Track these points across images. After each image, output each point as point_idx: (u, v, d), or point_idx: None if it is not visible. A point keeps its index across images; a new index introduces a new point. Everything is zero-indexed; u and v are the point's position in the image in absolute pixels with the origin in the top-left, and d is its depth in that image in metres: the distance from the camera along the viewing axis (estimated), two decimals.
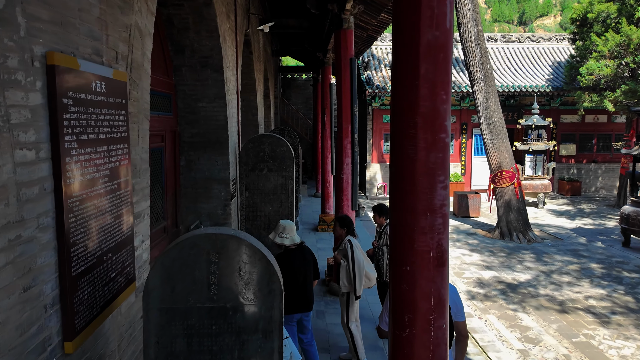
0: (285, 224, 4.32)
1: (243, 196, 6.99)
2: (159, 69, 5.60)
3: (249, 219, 7.02)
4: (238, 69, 7.19)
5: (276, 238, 4.30)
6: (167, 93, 5.84)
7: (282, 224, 4.33)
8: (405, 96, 2.35)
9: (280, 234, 4.29)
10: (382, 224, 5.65)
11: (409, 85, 2.31)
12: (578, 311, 6.81)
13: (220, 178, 6.36)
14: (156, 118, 5.48)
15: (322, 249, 9.61)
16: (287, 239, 4.26)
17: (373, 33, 11.50)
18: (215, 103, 6.16)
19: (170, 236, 6.01)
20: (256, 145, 6.93)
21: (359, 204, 11.66)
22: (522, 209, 10.89)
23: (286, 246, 4.28)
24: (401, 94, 2.37)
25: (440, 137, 2.33)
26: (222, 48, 5.97)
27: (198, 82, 6.04)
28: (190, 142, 6.27)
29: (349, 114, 6.84)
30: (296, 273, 4.22)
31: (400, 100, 2.38)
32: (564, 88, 16.00)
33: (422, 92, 2.30)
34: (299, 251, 4.30)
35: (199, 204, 6.38)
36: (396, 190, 2.42)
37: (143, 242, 3.13)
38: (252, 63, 9.78)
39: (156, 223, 5.59)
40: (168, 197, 5.92)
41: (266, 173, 6.98)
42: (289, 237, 4.28)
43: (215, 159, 6.32)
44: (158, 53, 5.57)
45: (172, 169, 6.08)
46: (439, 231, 2.37)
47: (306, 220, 12.33)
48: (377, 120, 17.21)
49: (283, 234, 4.27)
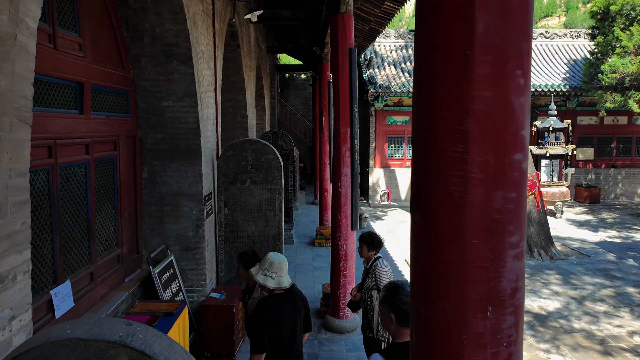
0: (274, 259, 3.17)
1: (221, 213, 5.86)
2: (111, 59, 4.48)
3: (228, 241, 5.89)
4: (217, 62, 6.07)
5: (258, 275, 3.14)
6: (122, 89, 4.72)
7: (270, 259, 3.18)
8: (442, 81, 1.22)
9: (265, 270, 3.14)
10: (369, 259, 4.44)
11: (452, 56, 1.19)
12: (624, 353, 5.65)
13: (192, 193, 5.23)
14: (105, 121, 4.35)
15: (319, 268, 8.47)
16: (273, 279, 3.11)
17: (376, 25, 10.37)
18: (184, 102, 5.04)
19: (127, 265, 4.89)
20: (237, 152, 5.81)
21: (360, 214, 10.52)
22: (543, 222, 9.72)
23: (270, 289, 3.14)
24: (433, 77, 1.24)
25: (513, 159, 1.20)
26: (192, 34, 4.85)
27: (162, 76, 4.92)
28: (154, 149, 5.15)
29: (347, 116, 5.71)
30: (283, 327, 3.06)
31: (432, 90, 1.25)
32: (583, 87, 14.83)
33: (479, 71, 1.17)
34: (287, 297, 3.14)
35: (166, 224, 5.26)
36: (423, 260, 1.29)
37: (15, 318, 1.99)
38: (240, 58, 8.67)
39: (106, 251, 4.47)
40: (124, 217, 4.80)
41: (249, 186, 5.85)
42: (274, 278, 3.11)
43: (185, 169, 5.20)
44: (109, 39, 4.45)
45: (129, 182, 4.96)
46: (509, 340, 1.24)
47: (302, 232, 11.19)
48: (380, 122, 16.09)
49: (269, 272, 3.12)
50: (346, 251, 5.89)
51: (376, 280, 4.35)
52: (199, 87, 5.16)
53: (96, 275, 4.22)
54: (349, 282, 5.88)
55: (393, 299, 2.27)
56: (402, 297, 2.24)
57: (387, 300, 2.29)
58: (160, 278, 4.79)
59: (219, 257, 5.89)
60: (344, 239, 5.89)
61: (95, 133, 4.15)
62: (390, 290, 2.32)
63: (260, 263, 3.14)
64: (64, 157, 3.68)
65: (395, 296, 2.26)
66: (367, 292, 4.43)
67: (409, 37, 18.18)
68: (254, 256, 3.68)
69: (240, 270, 3.73)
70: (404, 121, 16.12)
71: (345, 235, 5.89)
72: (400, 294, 2.27)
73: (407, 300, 2.21)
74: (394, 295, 2.28)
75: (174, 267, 5.20)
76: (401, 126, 16.13)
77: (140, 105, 5.01)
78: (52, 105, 3.52)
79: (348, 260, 5.89)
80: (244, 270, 3.70)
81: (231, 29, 7.89)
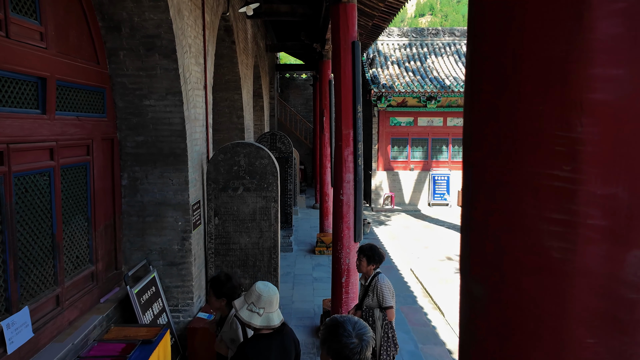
0: (262, 291, 2.56)
1: (211, 224, 5.33)
2: (82, 52, 3.96)
3: (219, 254, 5.36)
4: (207, 57, 5.55)
5: (242, 310, 2.53)
6: (96, 86, 4.20)
7: (257, 291, 2.56)
8: (529, 50, 0.68)
9: (251, 305, 2.53)
10: (369, 275, 3.93)
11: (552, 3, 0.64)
12: None
13: (177, 202, 4.71)
14: (75, 122, 3.83)
15: (319, 279, 7.93)
16: (260, 316, 2.50)
17: (380, 21, 9.83)
18: (168, 100, 4.51)
19: (104, 284, 4.36)
20: (228, 157, 5.28)
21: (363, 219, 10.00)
22: None
23: (256, 328, 2.53)
24: (513, 42, 0.69)
25: None
26: (176, 24, 4.32)
27: (142, 71, 4.40)
28: (135, 153, 4.63)
29: (350, 116, 5.18)
30: None
31: (509, 68, 0.70)
32: None
33: (604, 29, 0.63)
34: (277, 339, 2.54)
35: (148, 237, 4.73)
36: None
37: None
38: (235, 55, 8.15)
39: (76, 269, 3.94)
40: (99, 230, 4.27)
41: (242, 193, 5.32)
42: (262, 314, 2.50)
43: (170, 176, 4.67)
44: (80, 30, 3.93)
45: (106, 191, 4.43)
46: None
47: (302, 238, 10.66)
48: (383, 124, 15.55)
49: (255, 307, 2.51)
50: (349, 265, 5.35)
51: (378, 298, 3.85)
52: (185, 84, 4.63)
53: (63, 298, 3.70)
54: (352, 300, 5.34)
55: (332, 340, 1.84)
56: (343, 339, 1.83)
57: (326, 342, 1.86)
58: (139, 299, 4.26)
59: (209, 273, 5.36)
60: (346, 251, 5.35)
61: (62, 136, 3.63)
62: (329, 330, 1.88)
63: (245, 295, 2.59)
64: (20, 164, 3.15)
65: (335, 337, 1.84)
66: (368, 311, 3.92)
67: (413, 35, 17.65)
68: (228, 281, 3.07)
69: (212, 299, 3.09)
70: (407, 122, 15.59)
71: (348, 248, 5.35)
72: (340, 334, 1.83)
73: (349, 341, 1.81)
74: (332, 337, 1.85)
75: (157, 285, 4.67)
76: (405, 127, 15.60)
77: (118, 105, 4.49)
78: (4, 103, 3.00)
79: (351, 275, 5.35)
80: (216, 299, 3.07)
81: (225, 24, 7.38)
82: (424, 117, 15.55)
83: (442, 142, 15.67)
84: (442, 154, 15.71)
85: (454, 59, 16.56)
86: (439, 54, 16.87)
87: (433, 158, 15.67)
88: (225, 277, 3.09)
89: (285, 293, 7.04)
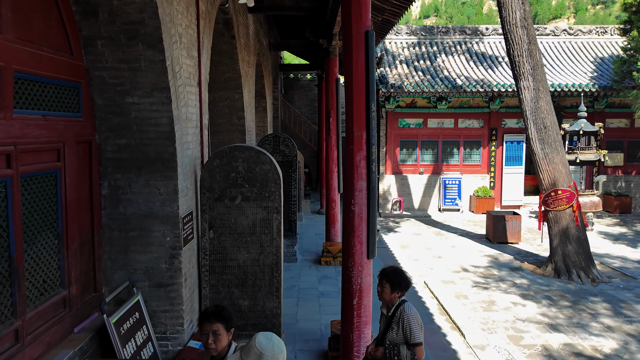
0: (265, 348, 1.97)
1: (205, 238, 4.71)
2: (50, 39, 3.36)
3: (214, 272, 4.74)
4: (202, 50, 4.95)
5: None
6: (69, 81, 3.59)
7: (258, 348, 1.97)
8: None
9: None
10: (392, 303, 3.31)
11: None
12: None
13: (165, 214, 4.10)
14: (40, 122, 3.23)
15: (326, 293, 7.29)
16: None
17: (390, 16, 9.22)
18: (154, 98, 3.91)
19: (79, 310, 3.75)
20: (225, 162, 4.67)
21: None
22: (583, 239, 8.49)
23: None
24: None
25: None
26: (162, 9, 3.72)
27: (124, 64, 3.80)
28: (117, 158, 4.02)
29: (363, 116, 4.55)
30: None
31: None
32: (614, 87, 13.57)
33: None
34: None
35: (132, 254, 4.13)
36: None
37: None
38: (235, 51, 7.55)
39: (42, 296, 3.34)
40: (72, 248, 3.66)
41: (240, 203, 4.71)
42: None
43: (156, 184, 4.07)
44: (48, 13, 3.33)
45: (82, 202, 3.82)
46: None
47: (307, 247, 10.02)
48: (391, 125, 14.91)
49: None
50: (361, 285, 4.71)
51: (404, 333, 3.23)
52: (175, 79, 4.03)
53: (24, 332, 3.09)
54: (365, 324, 4.70)
55: None
56: None
57: None
58: (119, 328, 3.64)
59: (203, 293, 4.74)
60: (357, 269, 4.71)
61: (22, 139, 3.03)
62: None
63: (243, 352, 1.96)
64: None
65: None
66: (392, 349, 3.29)
67: (422, 33, 17.01)
68: (221, 313, 2.45)
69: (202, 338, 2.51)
70: (417, 124, 14.94)
71: (360, 265, 4.71)
72: None
73: None
74: None
75: (142, 310, 4.06)
76: (414, 129, 14.95)
77: (96, 102, 3.89)
78: None
79: (363, 297, 4.71)
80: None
81: (225, 16, 6.78)
82: (434, 119, 14.90)
83: (453, 144, 15.01)
84: (453, 157, 15.05)
85: (464, 58, 15.91)
86: (449, 52, 16.22)
87: (443, 161, 15.00)
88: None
89: (289, 310, 6.41)
